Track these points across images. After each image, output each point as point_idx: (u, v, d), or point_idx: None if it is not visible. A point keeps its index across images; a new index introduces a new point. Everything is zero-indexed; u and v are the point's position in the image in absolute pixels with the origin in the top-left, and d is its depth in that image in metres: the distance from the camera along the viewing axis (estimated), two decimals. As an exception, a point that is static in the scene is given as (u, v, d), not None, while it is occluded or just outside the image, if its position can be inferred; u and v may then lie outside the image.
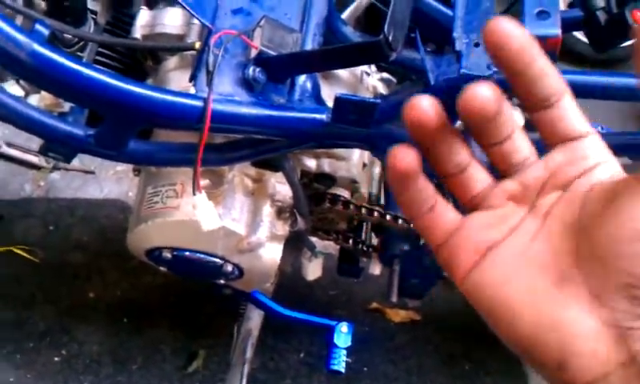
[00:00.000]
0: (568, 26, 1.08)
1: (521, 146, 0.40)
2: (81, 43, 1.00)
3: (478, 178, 0.41)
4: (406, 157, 0.39)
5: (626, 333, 0.33)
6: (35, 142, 1.91)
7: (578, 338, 0.34)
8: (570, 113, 0.39)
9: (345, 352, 1.38)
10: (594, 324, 0.34)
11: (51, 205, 1.93)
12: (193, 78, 0.88)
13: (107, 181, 1.99)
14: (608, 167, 0.38)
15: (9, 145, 1.83)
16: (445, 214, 0.41)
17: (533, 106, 0.39)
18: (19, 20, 0.91)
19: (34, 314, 1.75)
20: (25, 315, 1.74)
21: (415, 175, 0.40)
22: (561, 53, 0.99)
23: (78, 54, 1.01)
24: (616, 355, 0.33)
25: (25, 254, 1.79)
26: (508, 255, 0.38)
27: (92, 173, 1.94)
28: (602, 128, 1.37)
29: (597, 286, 0.34)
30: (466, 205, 0.42)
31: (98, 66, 0.99)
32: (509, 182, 0.40)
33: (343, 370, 1.38)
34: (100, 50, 1.04)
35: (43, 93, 0.98)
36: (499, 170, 0.41)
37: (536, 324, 0.36)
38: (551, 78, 0.38)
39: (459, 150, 0.40)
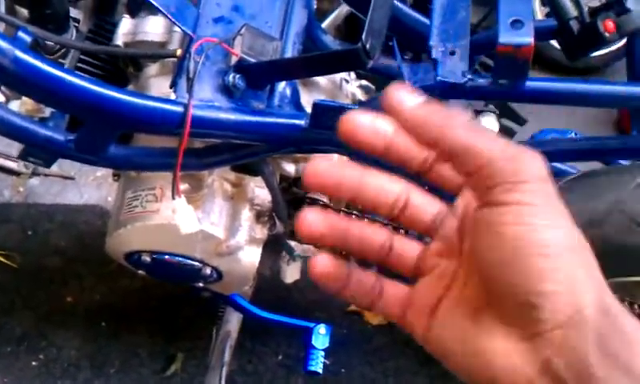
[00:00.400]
0: (542, 34, 1.10)
1: (422, 206, 0.42)
2: (63, 50, 1.01)
3: (407, 249, 0.43)
4: (323, 266, 0.41)
5: (534, 341, 0.36)
6: (15, 148, 1.92)
7: (499, 359, 0.37)
8: None
9: (322, 353, 1.40)
10: (508, 343, 0.37)
11: (30, 210, 1.92)
12: (173, 85, 0.90)
13: (87, 186, 1.99)
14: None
15: (-13, 151, 1.83)
16: (394, 292, 0.43)
17: (423, 167, 0.40)
18: (1, 27, 0.92)
19: (11, 319, 1.74)
20: (2, 320, 1.74)
21: (339, 279, 0.41)
22: (536, 61, 1.02)
23: (60, 60, 1.02)
24: (533, 365, 0.36)
25: (3, 259, 1.79)
26: (447, 309, 0.41)
27: (71, 178, 1.94)
28: (576, 134, 1.40)
29: (499, 309, 0.37)
30: (409, 276, 0.43)
31: (79, 73, 1.00)
32: (433, 243, 0.42)
33: (321, 371, 1.40)
34: (82, 57, 1.04)
35: (24, 98, 0.99)
36: (418, 232, 0.43)
37: (467, 359, 0.39)
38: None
39: (380, 230, 0.42)
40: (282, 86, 0.99)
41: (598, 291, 0.36)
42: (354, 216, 1.32)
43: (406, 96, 0.37)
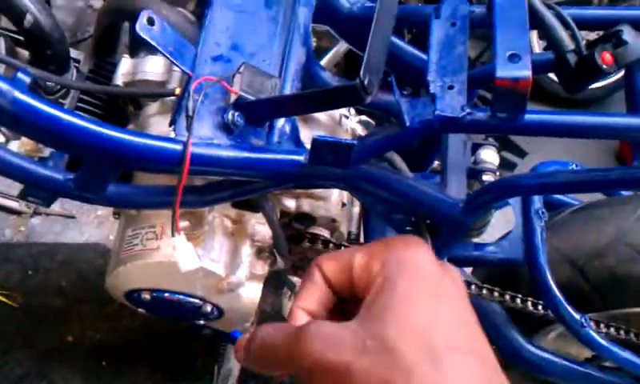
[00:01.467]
0: (540, 68, 1.11)
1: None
2: (63, 90, 1.02)
3: None
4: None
5: None
6: (16, 188, 1.93)
7: None
8: None
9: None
10: None
11: (31, 250, 1.92)
12: (172, 122, 0.90)
13: (88, 225, 1.99)
14: None
15: (-12, 191, 1.83)
16: None
17: None
18: (1, 69, 0.93)
19: (11, 359, 1.73)
20: (2, 360, 1.73)
21: None
22: (535, 93, 1.01)
23: (60, 101, 1.03)
24: None
25: (4, 299, 1.78)
26: None
27: (72, 217, 1.94)
28: (576, 165, 1.40)
29: None
30: None
31: (79, 112, 1.01)
32: None
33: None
34: (82, 96, 1.05)
35: (23, 138, 0.99)
36: None
37: None
38: None
39: None
40: (281, 123, 0.99)
41: None
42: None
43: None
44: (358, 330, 0.41)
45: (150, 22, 0.80)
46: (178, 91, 0.91)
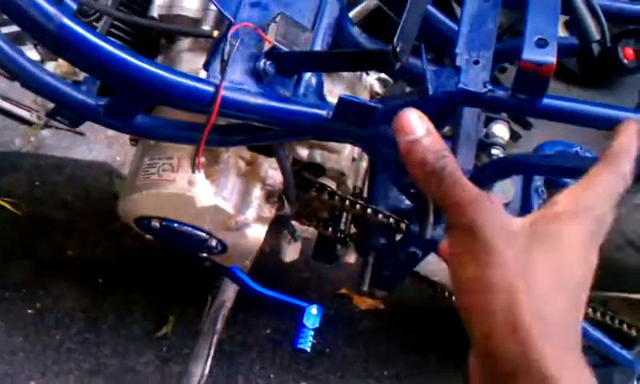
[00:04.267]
0: (563, 51, 1.13)
1: None
2: (97, 14, 1.03)
3: None
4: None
5: None
6: (28, 97, 1.94)
7: None
8: None
9: (312, 333, 1.44)
10: None
11: (39, 161, 1.95)
12: (207, 65, 0.92)
13: (97, 143, 2.01)
14: None
15: (3, 98, 1.84)
16: None
17: None
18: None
19: (11, 266, 1.78)
20: (3, 266, 1.77)
21: None
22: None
23: (94, 24, 1.04)
24: None
25: (9, 207, 1.81)
26: None
27: (82, 134, 1.96)
28: (581, 148, 1.44)
29: None
30: None
31: (113, 39, 1.03)
32: None
33: (309, 350, 1.44)
34: (115, 22, 1.07)
35: (60, 60, 1.01)
36: None
37: None
38: None
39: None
40: (308, 75, 1.02)
41: None
42: (358, 205, 1.35)
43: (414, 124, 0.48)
44: (519, 230, 0.47)
45: (202, -34, 0.82)
46: (215, 34, 0.93)
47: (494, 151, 1.26)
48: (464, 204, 0.46)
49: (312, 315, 1.43)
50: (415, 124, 0.47)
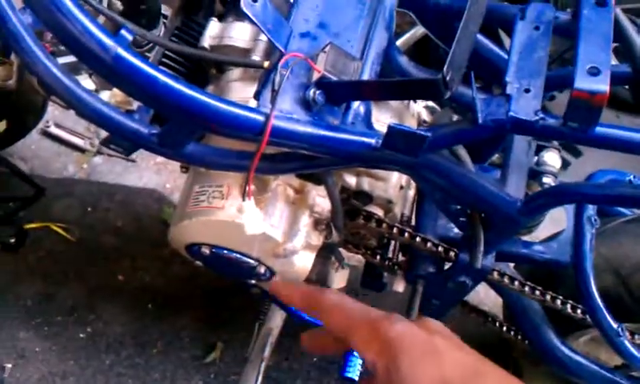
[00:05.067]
0: (614, 79, 1.11)
1: None
2: (150, 44, 1.06)
3: None
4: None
5: None
6: (81, 125, 2.00)
7: None
8: None
9: (360, 361, 1.43)
10: None
11: (91, 187, 1.99)
12: (257, 94, 0.94)
13: (147, 170, 2.05)
14: None
15: (57, 125, 1.90)
16: None
17: None
18: (101, 19, 0.97)
19: (64, 290, 1.81)
20: (56, 290, 1.81)
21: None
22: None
23: (146, 54, 1.07)
24: None
25: (62, 232, 1.86)
26: None
27: (133, 161, 2.00)
28: (634, 177, 1.41)
29: None
30: None
31: (166, 70, 1.05)
32: None
33: (357, 378, 1.43)
34: (167, 53, 1.09)
35: (114, 90, 1.04)
36: None
37: None
38: None
39: None
40: (356, 104, 1.02)
41: None
42: (406, 233, 1.35)
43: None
44: None
45: (254, -2, 0.83)
46: (266, 64, 0.95)
47: (545, 179, 1.24)
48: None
49: (360, 343, 1.42)
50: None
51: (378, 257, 1.45)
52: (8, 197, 1.85)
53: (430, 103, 1.39)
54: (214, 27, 1.08)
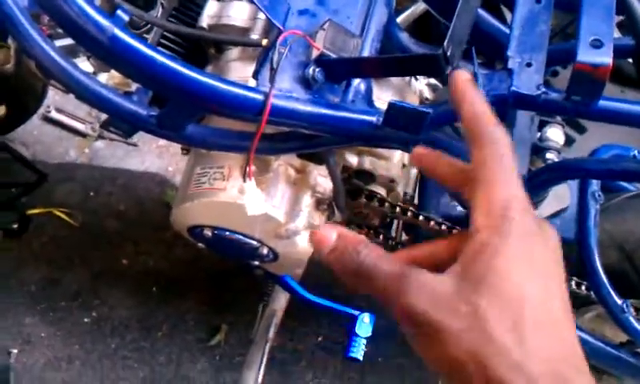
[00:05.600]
0: (618, 52, 1.10)
1: None
2: (148, 26, 1.05)
3: None
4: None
5: None
6: (83, 110, 1.99)
7: None
8: None
9: (365, 341, 1.43)
10: None
11: (93, 172, 1.99)
12: (256, 73, 0.93)
13: (149, 154, 2.04)
14: None
15: (58, 110, 1.89)
16: None
17: None
18: (98, 1, 0.96)
19: (68, 275, 1.82)
20: (60, 275, 1.81)
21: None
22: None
23: (145, 35, 1.06)
24: None
25: (64, 217, 1.86)
26: None
27: (135, 145, 2.00)
28: (638, 152, 1.40)
29: None
30: None
31: (164, 50, 1.04)
32: None
33: (361, 358, 1.43)
34: (165, 33, 1.08)
35: (112, 71, 1.03)
36: None
37: None
38: None
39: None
40: (356, 82, 1.01)
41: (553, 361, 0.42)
42: (409, 212, 1.34)
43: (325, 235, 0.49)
44: (454, 291, 0.43)
45: (250, -25, 0.82)
46: (264, 42, 0.94)
47: (548, 155, 1.23)
48: (390, 290, 0.45)
49: (364, 323, 1.42)
50: (327, 236, 0.48)
51: (381, 236, 1.45)
52: (10, 183, 1.85)
53: (432, 80, 1.37)
54: (212, 6, 1.07)
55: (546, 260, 0.45)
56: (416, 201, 1.44)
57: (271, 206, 1.18)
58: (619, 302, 1.37)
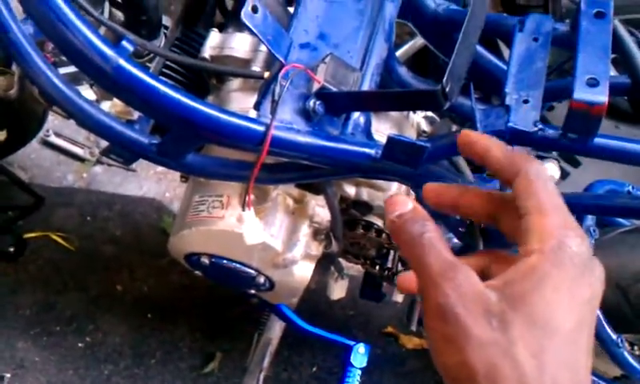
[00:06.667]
0: (613, 90, 1.12)
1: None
2: (151, 55, 1.06)
3: None
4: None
5: None
6: (81, 134, 2.00)
7: None
8: None
9: (360, 372, 1.43)
10: None
11: (91, 197, 1.99)
12: (257, 105, 0.94)
13: (147, 180, 2.05)
14: None
15: (57, 135, 1.90)
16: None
17: None
18: (102, 30, 0.97)
19: (63, 299, 1.81)
20: (54, 299, 1.81)
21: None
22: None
23: (147, 64, 1.07)
24: None
25: (61, 241, 1.85)
26: None
27: (133, 170, 2.00)
28: (633, 188, 1.41)
29: None
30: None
31: (167, 80, 1.05)
32: None
33: (357, 390, 1.43)
34: (167, 63, 1.10)
35: (115, 100, 1.04)
36: None
37: None
38: None
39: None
40: (356, 115, 1.02)
41: None
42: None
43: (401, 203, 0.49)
44: (493, 303, 0.43)
45: (254, 10, 0.84)
46: (266, 75, 0.95)
47: (544, 190, 1.24)
48: (435, 275, 0.45)
49: (359, 354, 1.42)
50: (402, 203, 0.49)
51: (378, 267, 1.45)
52: (7, 206, 1.85)
53: (430, 113, 1.39)
54: (214, 38, 1.09)
55: (585, 301, 0.45)
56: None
57: (269, 235, 1.19)
58: (614, 336, 1.37)
